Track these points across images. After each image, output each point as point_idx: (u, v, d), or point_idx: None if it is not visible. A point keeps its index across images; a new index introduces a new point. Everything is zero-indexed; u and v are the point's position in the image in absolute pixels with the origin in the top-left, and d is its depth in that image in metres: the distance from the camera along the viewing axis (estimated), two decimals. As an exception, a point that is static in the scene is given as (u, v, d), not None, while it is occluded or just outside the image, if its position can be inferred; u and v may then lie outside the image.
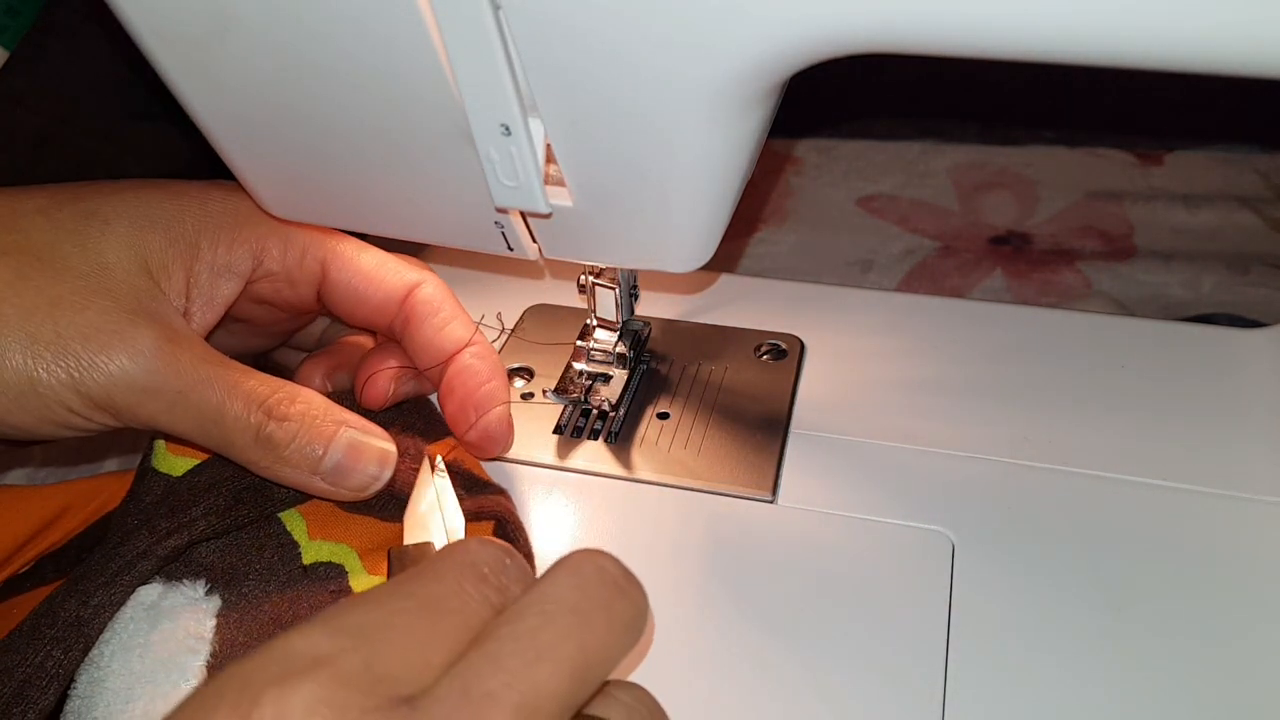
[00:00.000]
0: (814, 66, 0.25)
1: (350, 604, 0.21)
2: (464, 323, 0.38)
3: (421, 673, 0.20)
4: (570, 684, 0.21)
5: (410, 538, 0.33)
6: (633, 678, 0.32)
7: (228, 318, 0.36)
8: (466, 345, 0.38)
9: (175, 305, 0.33)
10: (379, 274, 0.37)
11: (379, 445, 0.34)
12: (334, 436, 0.33)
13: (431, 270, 0.39)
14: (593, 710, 0.23)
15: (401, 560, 0.31)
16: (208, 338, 0.35)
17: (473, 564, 0.23)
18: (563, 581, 0.23)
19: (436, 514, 0.34)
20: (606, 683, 0.24)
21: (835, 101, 0.71)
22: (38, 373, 0.29)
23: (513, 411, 0.43)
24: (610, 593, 0.23)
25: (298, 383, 0.38)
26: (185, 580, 0.33)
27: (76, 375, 0.30)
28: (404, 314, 0.37)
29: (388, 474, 0.35)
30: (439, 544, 0.32)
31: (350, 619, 0.21)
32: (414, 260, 0.39)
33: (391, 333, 0.38)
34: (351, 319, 0.39)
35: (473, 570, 0.23)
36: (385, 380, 0.38)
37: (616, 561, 0.24)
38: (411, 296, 0.37)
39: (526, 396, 0.44)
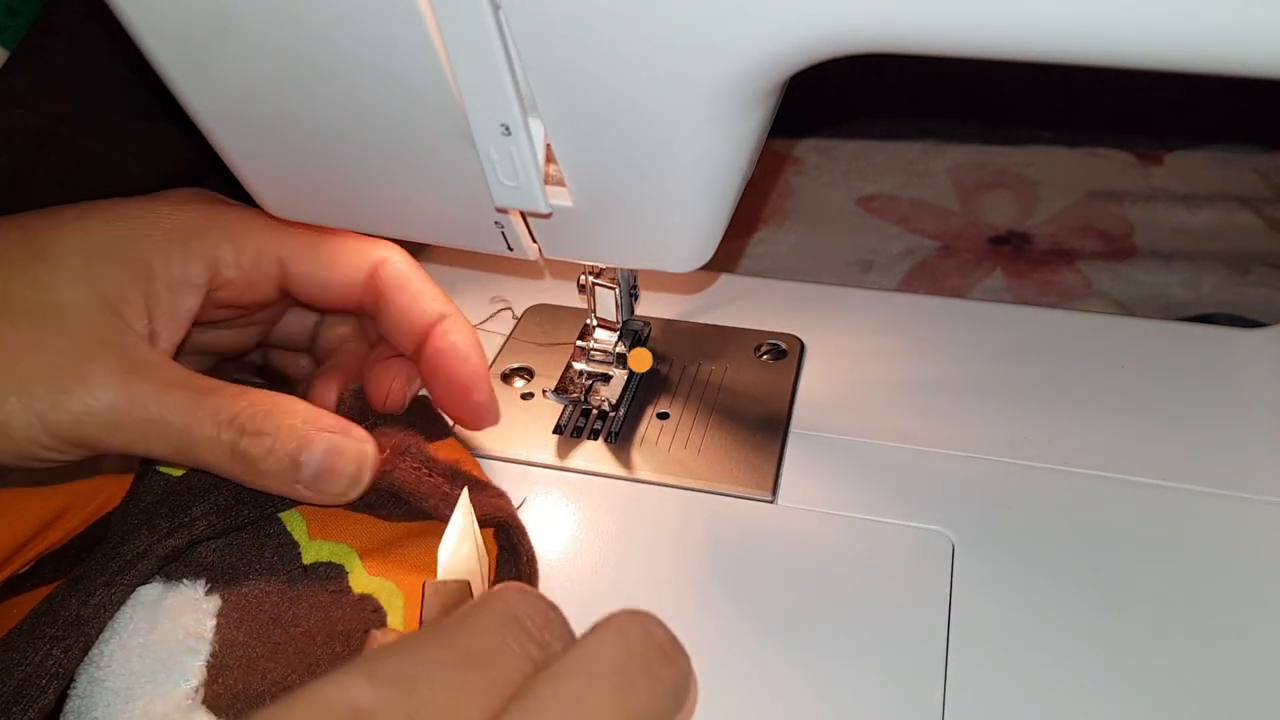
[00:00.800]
0: (814, 66, 0.25)
1: (389, 652, 0.21)
2: (434, 295, 0.38)
3: None
4: None
5: (446, 573, 0.33)
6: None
7: (200, 324, 0.36)
8: (441, 320, 0.38)
9: (138, 330, 0.33)
10: (340, 258, 0.37)
11: (356, 446, 0.34)
12: (310, 443, 0.33)
13: (396, 246, 0.38)
14: None
15: (437, 596, 0.31)
16: (181, 348, 0.35)
17: (516, 617, 0.23)
18: (608, 642, 0.22)
19: (472, 548, 0.33)
20: None
21: (835, 101, 0.71)
22: (4, 416, 0.30)
23: (513, 412, 0.43)
24: (656, 657, 0.23)
25: (313, 400, 0.38)
26: (185, 580, 0.33)
27: (44, 416, 0.30)
28: (372, 293, 0.37)
29: (368, 474, 0.34)
30: (475, 582, 0.31)
31: (390, 667, 0.20)
32: (376, 239, 0.38)
33: (363, 312, 0.39)
34: (322, 306, 0.39)
35: (516, 623, 0.22)
36: (401, 387, 0.38)
37: (663, 626, 0.24)
38: (376, 276, 0.37)
39: (526, 396, 0.44)
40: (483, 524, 0.35)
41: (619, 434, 0.42)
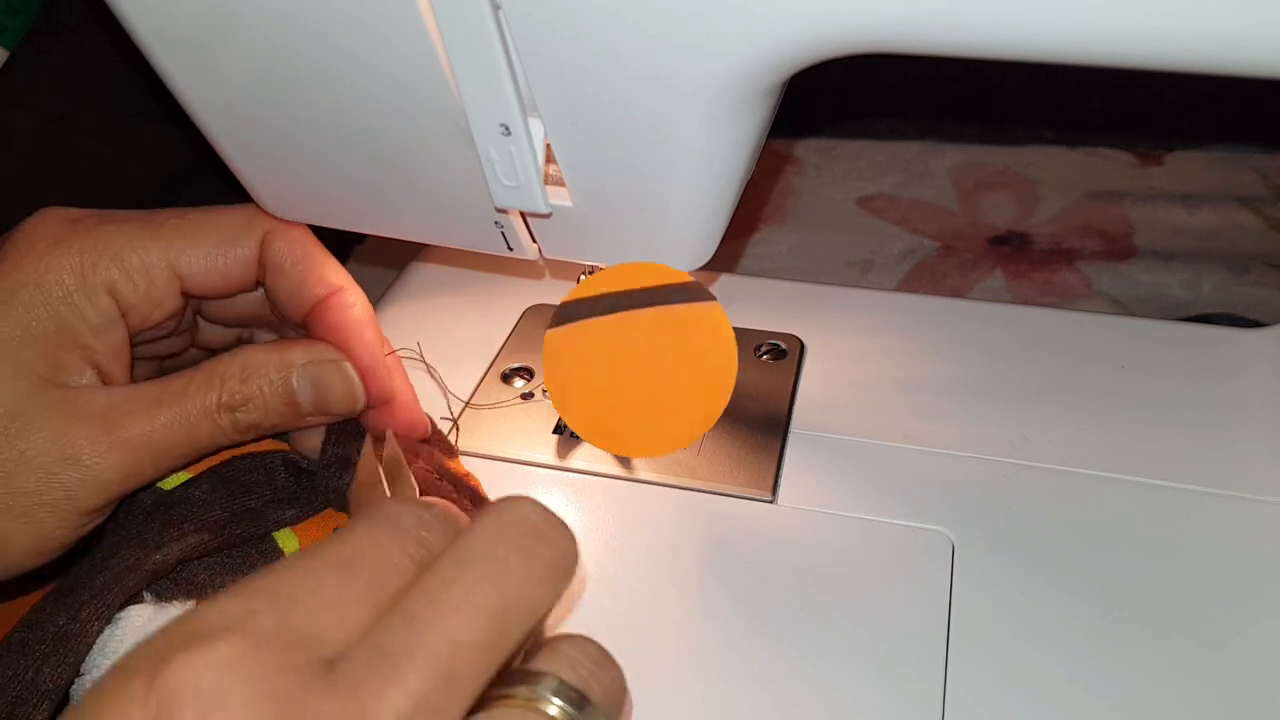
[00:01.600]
0: (814, 66, 0.25)
1: (265, 569, 0.21)
2: (321, 270, 0.36)
3: (338, 632, 0.20)
4: (489, 633, 0.21)
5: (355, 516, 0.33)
6: (627, 659, 0.32)
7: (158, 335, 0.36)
8: (331, 294, 0.36)
9: (88, 382, 0.32)
10: (225, 235, 0.35)
11: (334, 364, 0.35)
12: (293, 384, 0.34)
13: (284, 222, 0.36)
14: (534, 664, 0.23)
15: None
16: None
17: (388, 518, 0.23)
18: (479, 531, 0.22)
19: (381, 489, 0.34)
20: (554, 638, 0.24)
21: (835, 101, 0.71)
22: (37, 525, 0.31)
23: (513, 412, 0.43)
24: (528, 538, 0.22)
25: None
26: (177, 601, 0.32)
27: (71, 504, 0.31)
28: (262, 267, 0.36)
29: (356, 378, 0.35)
30: None
31: (262, 582, 0.21)
32: (256, 210, 0.36)
33: (258, 286, 0.37)
34: (224, 292, 0.37)
35: (388, 524, 0.23)
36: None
37: (538, 506, 0.23)
38: (266, 248, 0.36)
39: (526, 396, 0.44)
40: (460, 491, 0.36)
41: (619, 434, 0.42)
